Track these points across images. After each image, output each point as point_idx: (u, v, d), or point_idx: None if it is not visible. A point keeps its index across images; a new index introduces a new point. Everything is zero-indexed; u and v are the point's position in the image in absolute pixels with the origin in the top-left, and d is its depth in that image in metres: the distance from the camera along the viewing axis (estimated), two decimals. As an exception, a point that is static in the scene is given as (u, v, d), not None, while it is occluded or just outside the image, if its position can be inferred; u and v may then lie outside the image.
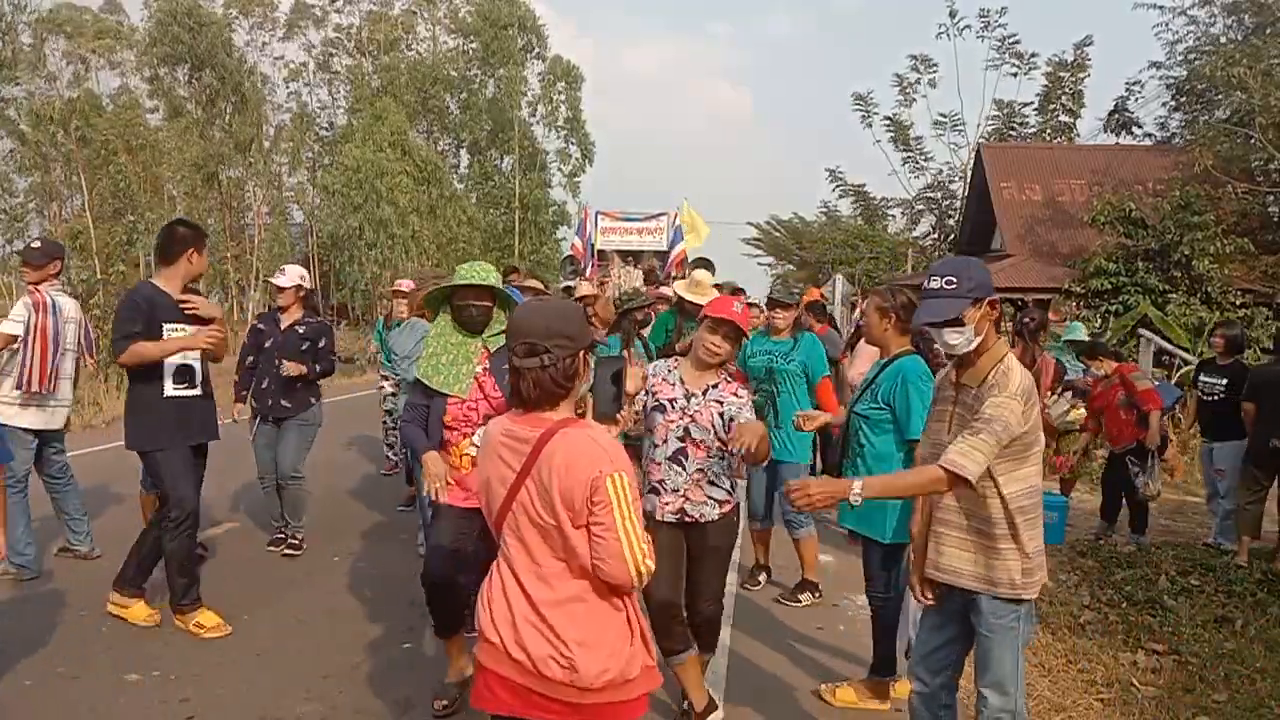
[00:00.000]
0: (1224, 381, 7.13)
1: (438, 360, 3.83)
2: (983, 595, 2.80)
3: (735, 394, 3.59)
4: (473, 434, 3.77)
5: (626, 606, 2.20)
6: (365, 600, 5.20)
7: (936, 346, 3.16)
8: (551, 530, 2.11)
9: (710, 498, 3.58)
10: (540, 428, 2.14)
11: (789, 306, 5.78)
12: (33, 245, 5.62)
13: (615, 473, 2.06)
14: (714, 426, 3.54)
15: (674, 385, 3.63)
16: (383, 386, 8.29)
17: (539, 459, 2.10)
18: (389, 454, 8.57)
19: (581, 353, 2.18)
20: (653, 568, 2.12)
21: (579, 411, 2.26)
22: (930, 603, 3.00)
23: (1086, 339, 8.50)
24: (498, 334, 3.79)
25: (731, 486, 3.66)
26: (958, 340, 2.76)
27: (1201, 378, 7.43)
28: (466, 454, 3.78)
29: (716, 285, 7.73)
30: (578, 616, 2.12)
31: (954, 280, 2.74)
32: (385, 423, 8.40)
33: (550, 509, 2.09)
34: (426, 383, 3.82)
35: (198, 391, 4.66)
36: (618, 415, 2.41)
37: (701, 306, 6.11)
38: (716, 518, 3.60)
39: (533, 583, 2.15)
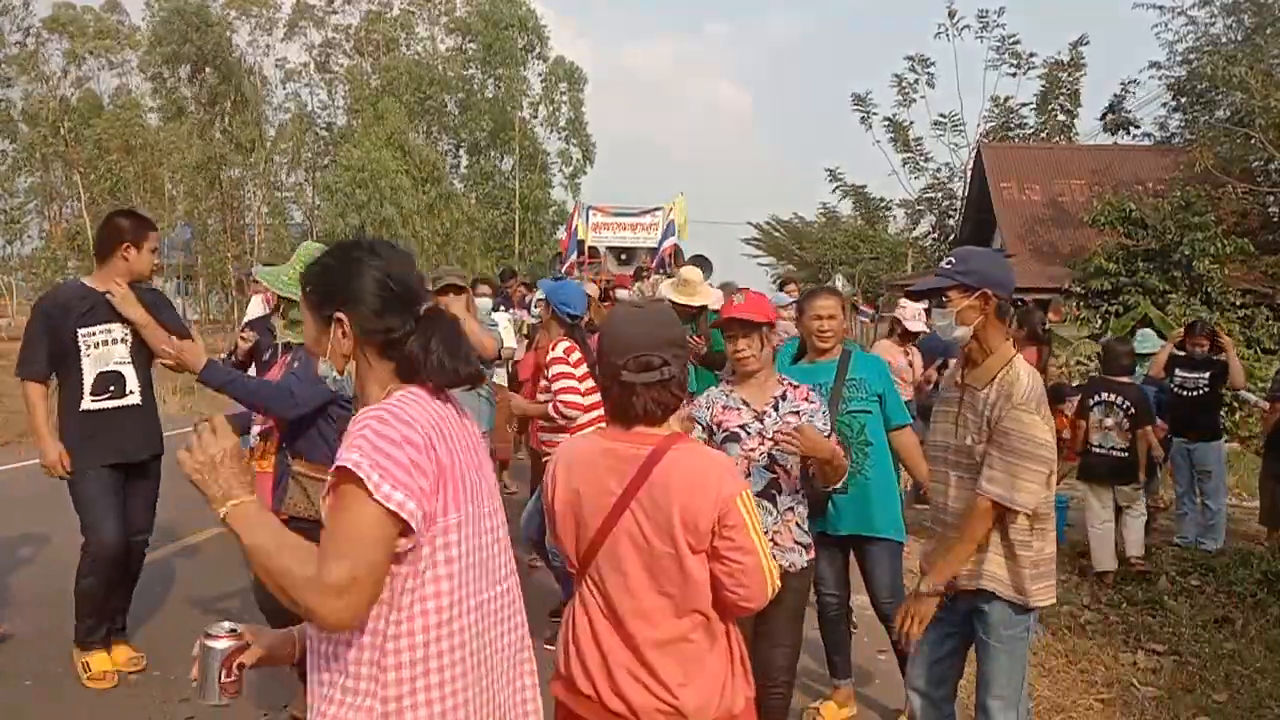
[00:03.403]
0: (1207, 375, 6.82)
1: None
2: (995, 604, 2.74)
3: (806, 399, 3.10)
4: (250, 430, 3.61)
5: (729, 634, 2.03)
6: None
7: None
8: (663, 558, 1.91)
9: (798, 543, 3.11)
10: (648, 445, 1.95)
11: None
12: None
13: (742, 490, 1.94)
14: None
15: (738, 410, 3.10)
16: None
17: (649, 479, 1.91)
18: None
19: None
20: (779, 581, 2.01)
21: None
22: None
23: (1157, 350, 7.45)
24: (290, 324, 3.50)
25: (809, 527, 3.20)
26: (944, 323, 2.76)
27: (1178, 372, 6.91)
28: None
29: (723, 285, 7.50)
30: (684, 656, 1.94)
31: (953, 261, 2.79)
32: None
33: (667, 534, 1.90)
34: None
35: (132, 401, 3.91)
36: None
37: (691, 309, 5.94)
38: (804, 566, 3.14)
39: (633, 621, 1.94)
